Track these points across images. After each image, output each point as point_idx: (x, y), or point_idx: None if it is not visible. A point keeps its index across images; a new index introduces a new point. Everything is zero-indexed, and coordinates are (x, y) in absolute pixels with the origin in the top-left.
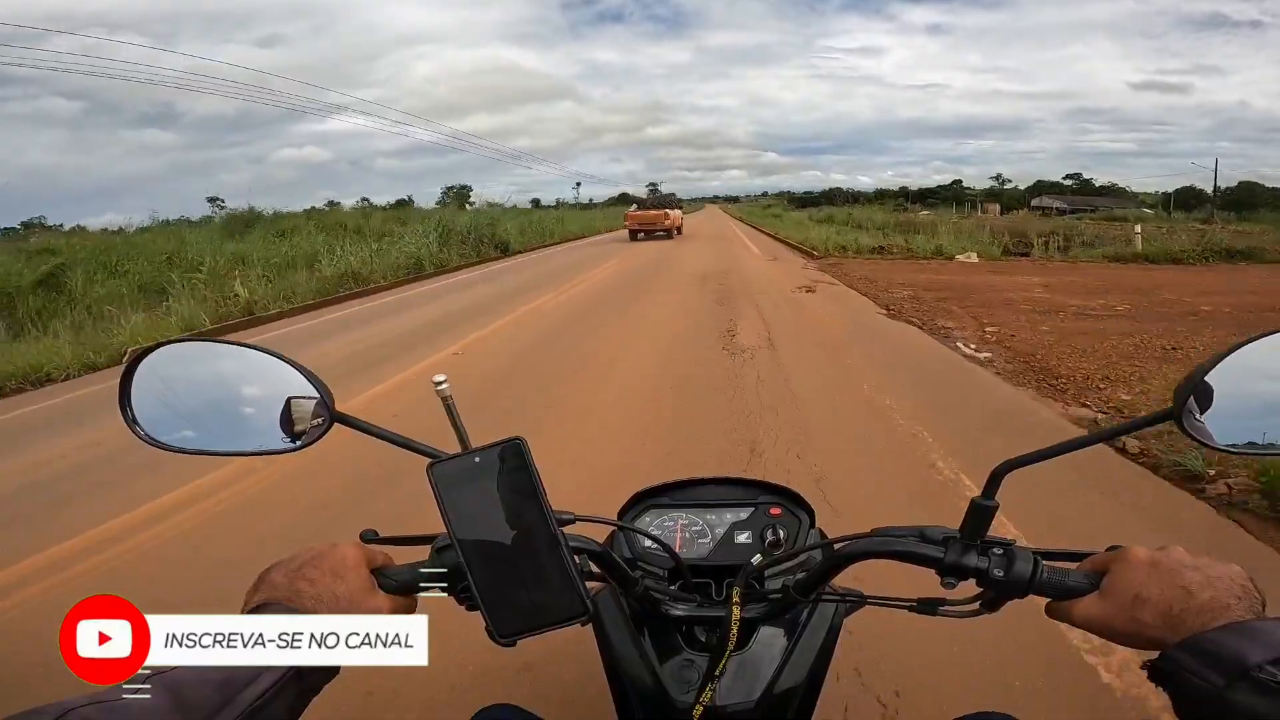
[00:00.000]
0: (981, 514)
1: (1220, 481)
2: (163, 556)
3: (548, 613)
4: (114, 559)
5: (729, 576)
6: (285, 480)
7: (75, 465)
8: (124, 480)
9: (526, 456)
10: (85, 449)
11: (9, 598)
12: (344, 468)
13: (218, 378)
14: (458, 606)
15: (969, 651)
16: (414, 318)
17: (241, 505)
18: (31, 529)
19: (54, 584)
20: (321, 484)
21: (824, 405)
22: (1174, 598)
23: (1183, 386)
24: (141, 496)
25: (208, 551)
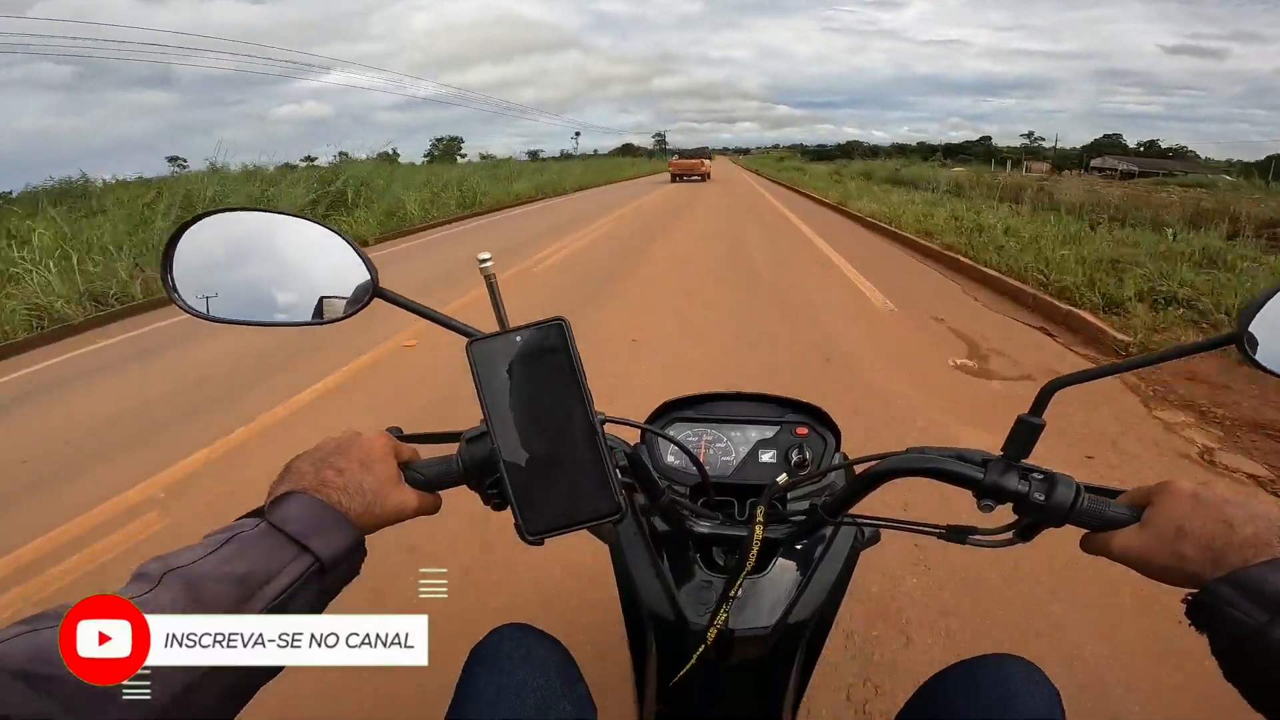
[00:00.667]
0: (1028, 431)
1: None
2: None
3: (581, 510)
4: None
5: (752, 496)
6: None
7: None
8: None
9: (568, 338)
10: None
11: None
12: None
13: (262, 248)
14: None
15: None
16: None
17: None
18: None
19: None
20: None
21: None
22: (1216, 531)
23: (1244, 313)
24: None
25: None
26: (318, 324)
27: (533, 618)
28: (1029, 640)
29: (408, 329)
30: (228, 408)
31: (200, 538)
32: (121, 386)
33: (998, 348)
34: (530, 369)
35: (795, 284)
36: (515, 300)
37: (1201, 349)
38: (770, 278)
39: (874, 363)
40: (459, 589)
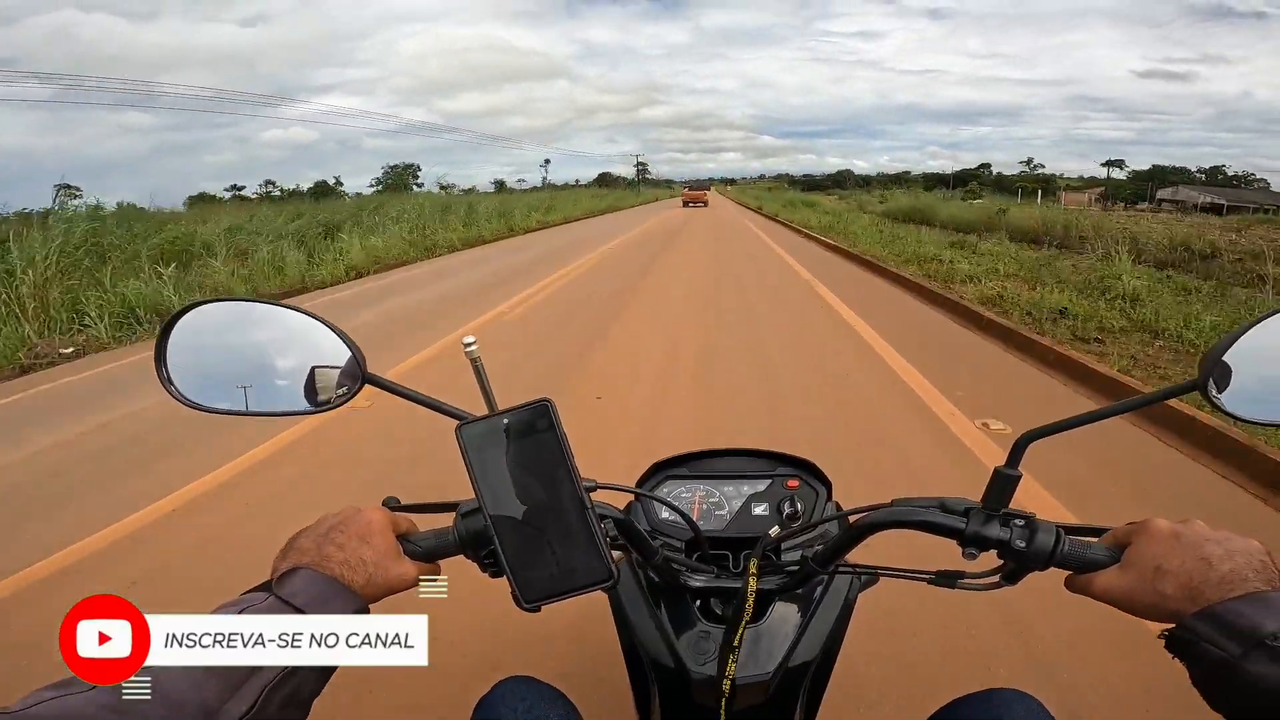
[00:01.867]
0: (1005, 483)
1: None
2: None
3: (573, 578)
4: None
5: (746, 548)
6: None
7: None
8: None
9: (554, 418)
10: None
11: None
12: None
13: (252, 338)
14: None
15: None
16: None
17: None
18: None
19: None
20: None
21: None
22: (1194, 569)
23: (1207, 358)
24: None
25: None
26: (309, 413)
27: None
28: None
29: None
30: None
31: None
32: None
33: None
34: (519, 448)
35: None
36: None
37: (1168, 396)
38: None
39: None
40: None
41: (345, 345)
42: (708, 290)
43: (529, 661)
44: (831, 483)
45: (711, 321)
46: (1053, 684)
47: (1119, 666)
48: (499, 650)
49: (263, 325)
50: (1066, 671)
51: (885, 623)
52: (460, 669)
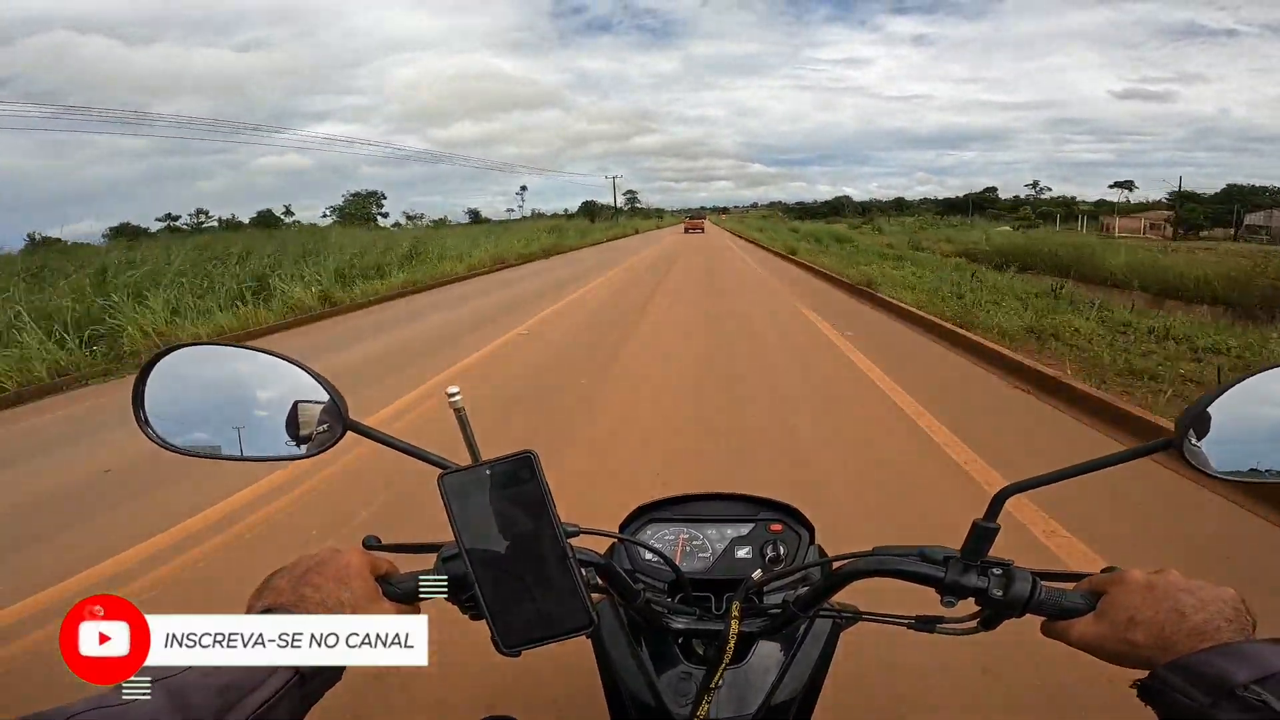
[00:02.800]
0: (982, 535)
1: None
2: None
3: (553, 624)
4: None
5: (729, 591)
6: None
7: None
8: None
9: (537, 470)
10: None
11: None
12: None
13: (231, 382)
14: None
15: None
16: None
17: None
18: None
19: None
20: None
21: None
22: (1167, 620)
23: (1184, 417)
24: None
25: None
26: (287, 460)
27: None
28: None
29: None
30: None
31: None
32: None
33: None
34: (501, 498)
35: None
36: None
37: (1144, 453)
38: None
39: None
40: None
41: (326, 391)
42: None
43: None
44: (814, 527)
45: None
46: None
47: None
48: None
49: (243, 369)
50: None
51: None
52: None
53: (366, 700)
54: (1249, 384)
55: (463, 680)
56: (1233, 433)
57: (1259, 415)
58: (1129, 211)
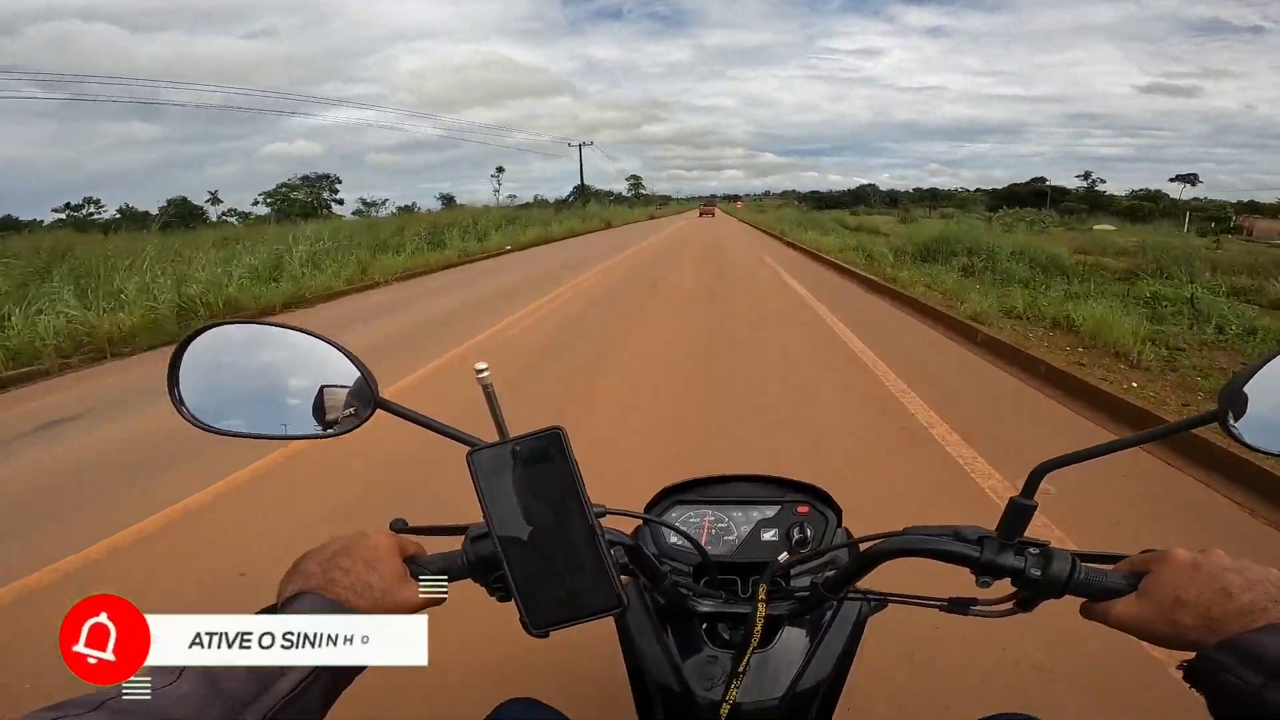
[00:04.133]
0: (1020, 513)
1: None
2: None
3: (582, 604)
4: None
5: (754, 574)
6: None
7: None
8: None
9: (566, 446)
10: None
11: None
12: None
13: (264, 361)
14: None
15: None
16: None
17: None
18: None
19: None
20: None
21: None
22: (1214, 600)
23: (1227, 390)
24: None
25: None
26: (319, 437)
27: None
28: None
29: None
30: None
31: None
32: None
33: None
34: (530, 475)
35: None
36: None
37: (1187, 427)
38: None
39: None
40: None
41: (357, 370)
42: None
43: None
44: (842, 509)
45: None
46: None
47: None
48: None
49: (273, 348)
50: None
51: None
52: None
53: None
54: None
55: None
56: (1274, 407)
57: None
58: (1198, 209)
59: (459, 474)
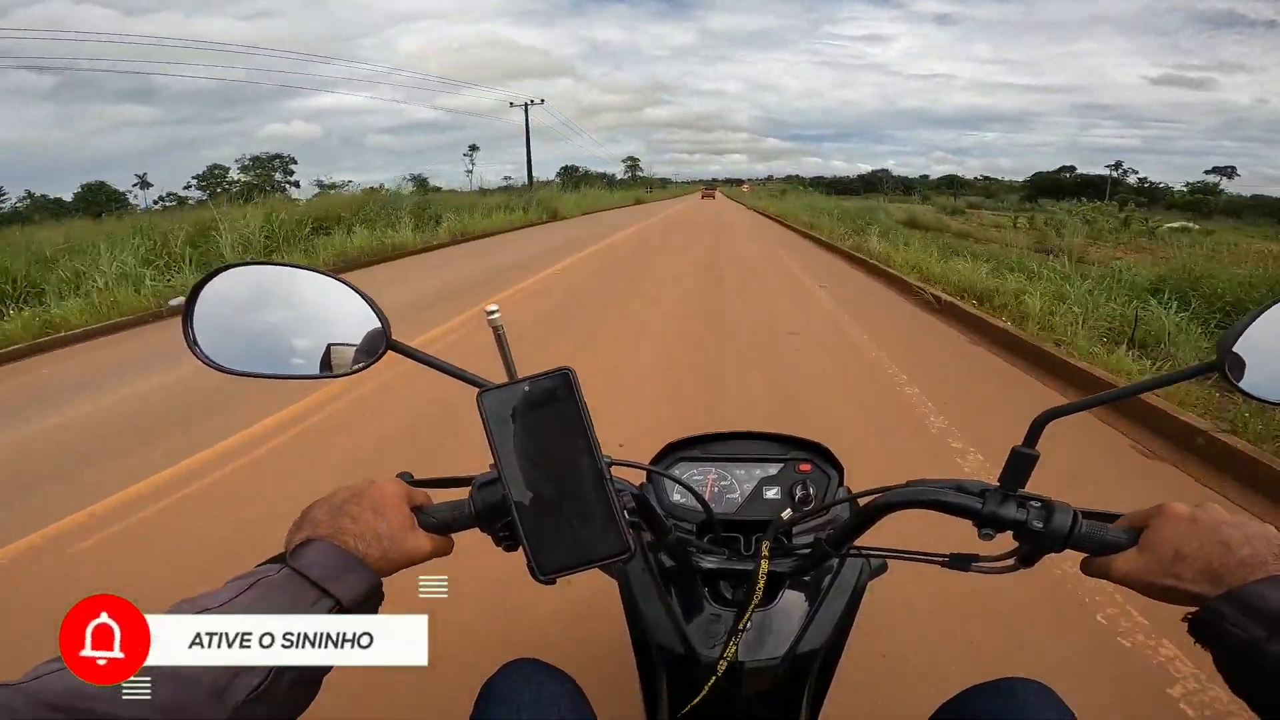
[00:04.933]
0: (1022, 462)
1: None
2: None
3: (591, 550)
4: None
5: (757, 531)
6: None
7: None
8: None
9: (575, 388)
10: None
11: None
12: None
13: (277, 302)
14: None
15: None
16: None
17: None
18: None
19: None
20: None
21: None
22: (1214, 553)
23: (1225, 339)
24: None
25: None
26: (329, 377)
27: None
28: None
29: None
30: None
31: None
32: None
33: None
34: (539, 417)
35: None
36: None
37: (1186, 377)
38: None
39: None
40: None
41: (371, 310)
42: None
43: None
44: (844, 467)
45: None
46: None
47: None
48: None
49: (288, 289)
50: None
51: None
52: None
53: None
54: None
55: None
56: (1272, 354)
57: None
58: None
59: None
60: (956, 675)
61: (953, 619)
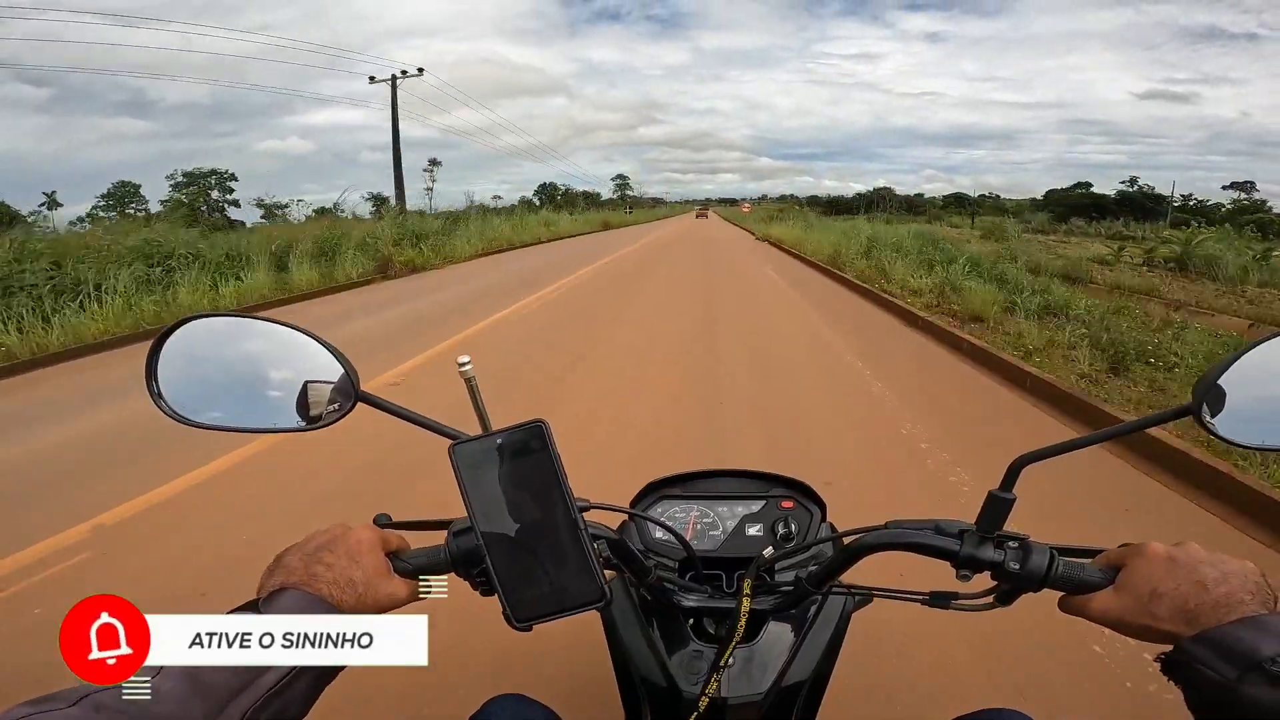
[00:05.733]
0: (999, 506)
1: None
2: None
3: (566, 598)
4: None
5: (740, 568)
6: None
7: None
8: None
9: (548, 439)
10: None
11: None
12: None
13: (244, 354)
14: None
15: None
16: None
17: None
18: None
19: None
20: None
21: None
22: (1190, 593)
23: (1201, 384)
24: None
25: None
26: (300, 430)
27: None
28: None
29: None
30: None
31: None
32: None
33: None
34: (512, 468)
35: None
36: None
37: (1162, 421)
38: None
39: None
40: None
41: (339, 362)
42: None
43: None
44: (825, 504)
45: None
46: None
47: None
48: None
49: (256, 341)
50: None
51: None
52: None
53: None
54: (1262, 350)
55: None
56: (1248, 398)
57: (1273, 380)
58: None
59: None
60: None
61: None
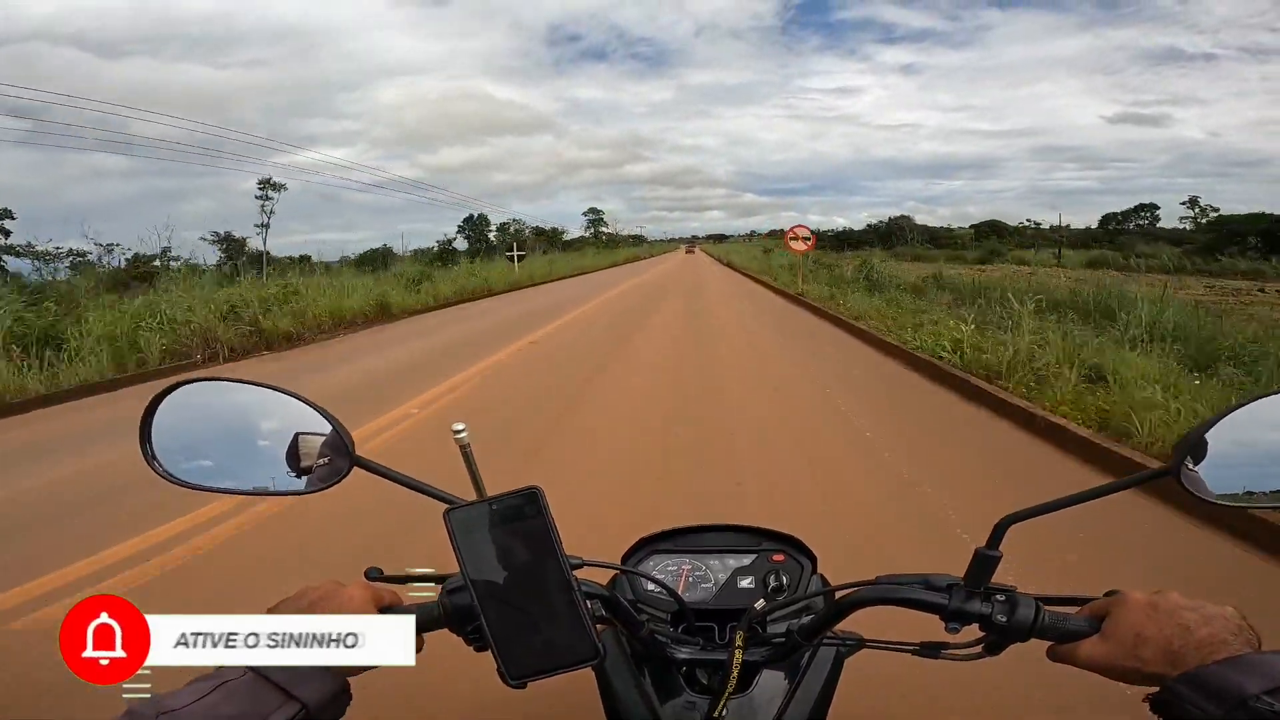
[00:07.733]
0: (985, 563)
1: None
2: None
3: (559, 655)
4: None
5: (732, 621)
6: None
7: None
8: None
9: (543, 505)
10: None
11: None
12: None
13: (237, 418)
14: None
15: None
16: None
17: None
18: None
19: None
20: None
21: None
22: (1174, 635)
23: (1181, 445)
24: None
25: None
26: (296, 494)
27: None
28: None
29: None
30: None
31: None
32: None
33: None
34: (507, 532)
35: None
36: None
37: (1142, 481)
38: None
39: None
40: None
41: (333, 427)
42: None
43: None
44: (816, 557)
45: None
46: None
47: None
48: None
49: (250, 405)
50: None
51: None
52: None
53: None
54: (1242, 413)
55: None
56: (1227, 459)
57: (1253, 442)
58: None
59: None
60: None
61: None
